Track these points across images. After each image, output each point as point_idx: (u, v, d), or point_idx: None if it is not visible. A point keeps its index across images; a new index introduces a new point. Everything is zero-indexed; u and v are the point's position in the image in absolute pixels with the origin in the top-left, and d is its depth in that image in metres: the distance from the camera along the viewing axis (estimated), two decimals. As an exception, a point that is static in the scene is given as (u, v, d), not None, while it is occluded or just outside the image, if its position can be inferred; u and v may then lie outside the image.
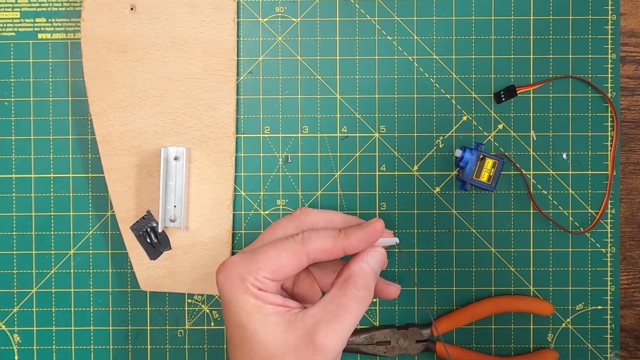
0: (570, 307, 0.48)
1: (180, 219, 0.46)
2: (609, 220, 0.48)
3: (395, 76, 0.48)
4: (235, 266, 0.37)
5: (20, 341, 0.48)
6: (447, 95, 0.48)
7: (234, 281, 0.37)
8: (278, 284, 0.38)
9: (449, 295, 0.48)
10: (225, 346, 0.48)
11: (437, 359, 0.48)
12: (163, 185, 0.45)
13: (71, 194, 0.48)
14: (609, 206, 0.48)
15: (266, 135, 0.48)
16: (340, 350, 0.36)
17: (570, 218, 0.48)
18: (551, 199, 0.48)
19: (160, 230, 0.46)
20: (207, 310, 0.48)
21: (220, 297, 0.38)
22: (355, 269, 0.38)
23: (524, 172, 0.48)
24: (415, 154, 0.48)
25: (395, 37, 0.47)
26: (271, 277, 0.37)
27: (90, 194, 0.48)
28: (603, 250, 0.48)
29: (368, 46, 0.47)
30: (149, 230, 0.47)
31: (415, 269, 0.48)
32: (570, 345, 0.48)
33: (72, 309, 0.48)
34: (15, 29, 0.47)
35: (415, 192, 0.48)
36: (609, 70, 0.48)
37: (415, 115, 0.48)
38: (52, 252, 0.48)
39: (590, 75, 0.48)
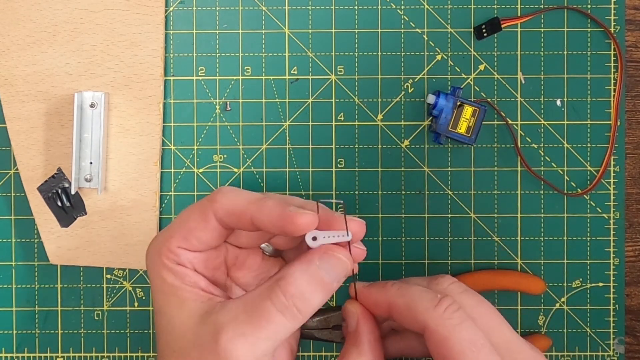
0: (565, 284, 0.50)
1: (97, 178, 0.47)
2: (611, 180, 0.49)
3: (356, 6, 0.49)
4: (155, 240, 0.39)
5: None
6: (417, 29, 0.49)
7: (153, 257, 0.39)
8: (200, 258, 0.39)
9: (420, 270, 0.49)
10: (151, 330, 0.49)
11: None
12: (77, 137, 0.46)
13: (-34, 149, 0.49)
14: (612, 163, 0.49)
15: (201, 78, 0.49)
16: None
17: (566, 177, 0.49)
18: (542, 154, 0.49)
19: (73, 192, 0.47)
20: (130, 288, 0.49)
21: None
22: (294, 269, 0.36)
23: (510, 121, 0.49)
24: (380, 100, 0.49)
25: (356, -40, 0.49)
26: (185, 245, 0.38)
27: (-11, 148, 0.49)
28: (605, 215, 0.49)
29: (323, -29, 0.49)
30: (59, 191, 0.48)
31: (380, 238, 0.48)
32: (565, 330, 0.49)
33: (-32, 287, 0.50)
34: None
35: (380, 146, 0.49)
36: (612, 0, 0.49)
37: (380, 53, 0.49)
38: (-56, 218, 0.50)
39: (589, 6, 0.49)
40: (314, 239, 0.36)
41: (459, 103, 0.47)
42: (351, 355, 0.39)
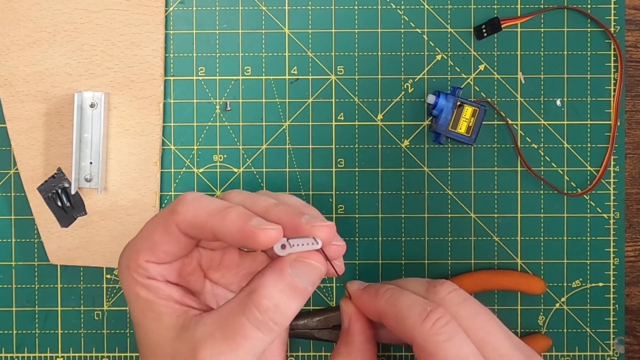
0: (565, 284, 0.50)
1: (97, 178, 0.48)
2: (611, 180, 0.50)
3: (356, 6, 0.50)
4: (122, 255, 0.38)
5: None
6: (417, 29, 0.49)
7: (123, 272, 0.38)
8: (172, 269, 0.38)
9: (420, 270, 0.49)
10: (151, 330, 0.49)
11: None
12: (77, 137, 0.47)
13: (-34, 149, 0.50)
14: (612, 163, 0.50)
15: (201, 78, 0.49)
16: None
17: (566, 177, 0.50)
18: (542, 154, 0.50)
19: (73, 192, 0.47)
20: (130, 288, 0.49)
21: None
22: (266, 280, 0.35)
23: (510, 121, 0.49)
24: (380, 100, 0.49)
25: (356, -40, 0.50)
26: (153, 259, 0.37)
27: (-11, 148, 0.50)
28: (605, 215, 0.50)
29: (323, -29, 0.50)
30: (59, 191, 0.48)
31: (380, 238, 0.49)
32: (565, 330, 0.50)
33: (-32, 287, 0.50)
34: None
35: (380, 146, 0.50)
36: (612, 0, 0.49)
37: (380, 53, 0.49)
38: (-56, 218, 0.50)
39: (589, 6, 0.50)
40: (283, 247, 0.35)
41: (459, 103, 0.47)
42: (341, 354, 0.39)
